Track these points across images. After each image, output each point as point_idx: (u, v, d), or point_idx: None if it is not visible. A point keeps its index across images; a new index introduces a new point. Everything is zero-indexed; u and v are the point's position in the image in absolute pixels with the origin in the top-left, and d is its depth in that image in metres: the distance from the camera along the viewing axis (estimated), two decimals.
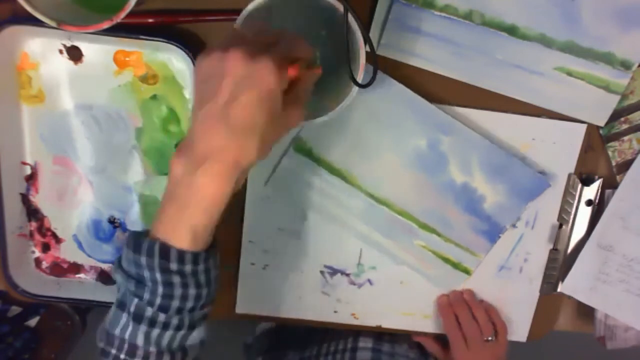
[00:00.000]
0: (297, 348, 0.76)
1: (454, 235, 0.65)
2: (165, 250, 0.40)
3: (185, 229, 0.40)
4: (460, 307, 0.66)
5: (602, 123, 0.61)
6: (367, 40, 0.48)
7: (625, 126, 0.62)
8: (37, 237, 0.66)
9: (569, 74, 0.59)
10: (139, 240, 0.41)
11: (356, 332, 0.73)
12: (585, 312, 0.69)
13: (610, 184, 0.64)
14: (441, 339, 0.70)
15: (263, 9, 0.49)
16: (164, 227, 0.41)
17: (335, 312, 0.69)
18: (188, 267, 0.41)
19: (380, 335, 0.72)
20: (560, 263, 0.66)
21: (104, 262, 0.67)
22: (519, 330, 0.69)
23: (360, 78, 0.48)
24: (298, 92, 0.42)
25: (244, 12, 0.47)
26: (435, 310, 0.68)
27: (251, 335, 0.90)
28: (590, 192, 0.64)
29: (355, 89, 0.48)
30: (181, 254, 0.40)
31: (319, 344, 0.74)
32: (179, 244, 0.41)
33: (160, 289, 0.41)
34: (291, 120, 0.42)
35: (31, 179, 0.64)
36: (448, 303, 0.67)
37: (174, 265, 0.41)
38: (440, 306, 0.67)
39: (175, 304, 0.42)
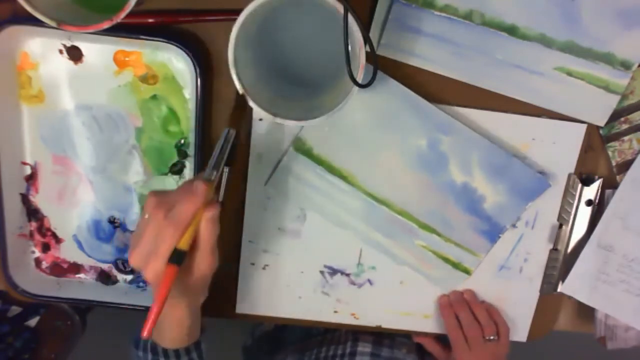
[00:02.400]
0: (295, 351, 0.76)
1: (454, 235, 0.65)
2: (153, 347, 0.55)
3: (166, 336, 0.54)
4: (461, 307, 0.66)
5: (602, 123, 0.61)
6: (367, 40, 0.48)
7: (625, 126, 0.62)
8: (37, 237, 0.66)
9: (569, 74, 0.59)
10: (137, 339, 0.58)
11: (355, 336, 0.73)
12: (585, 312, 0.69)
13: (610, 184, 0.64)
14: (442, 340, 0.70)
15: (263, 9, 0.49)
16: (156, 331, 0.53)
17: (335, 312, 0.69)
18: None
19: (379, 339, 0.72)
20: (560, 263, 0.66)
21: (104, 262, 0.67)
22: (519, 330, 0.69)
23: (360, 78, 0.48)
24: (200, 243, 0.48)
25: (244, 12, 0.47)
26: (435, 310, 0.68)
27: (250, 338, 0.90)
28: (590, 192, 0.64)
29: (355, 88, 0.48)
30: (165, 350, 0.54)
31: (318, 347, 0.74)
32: (163, 343, 0.54)
33: None
34: (201, 267, 0.49)
35: (31, 179, 0.64)
36: (449, 303, 0.67)
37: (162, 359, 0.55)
38: (441, 307, 0.67)
39: None
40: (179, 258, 0.46)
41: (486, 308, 0.67)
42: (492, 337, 0.64)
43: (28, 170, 0.63)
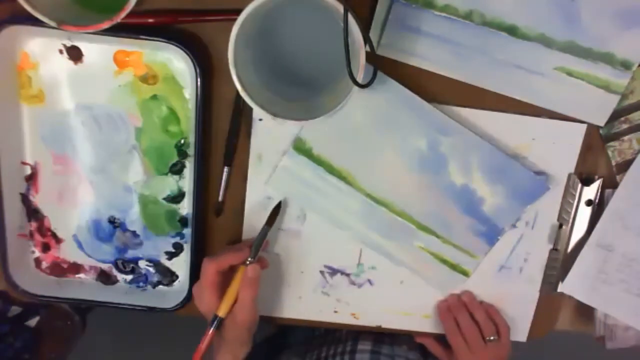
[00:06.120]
0: (296, 353, 0.76)
1: (452, 237, 0.65)
2: None
3: None
4: (458, 310, 0.66)
5: (602, 123, 0.61)
6: (367, 40, 0.48)
7: (625, 126, 0.62)
8: (37, 237, 0.66)
9: (569, 74, 0.59)
10: None
11: (356, 335, 0.73)
12: (585, 312, 0.69)
13: (610, 184, 0.64)
14: (444, 340, 0.70)
15: (263, 9, 0.49)
16: None
17: (335, 312, 0.69)
18: None
19: (380, 337, 0.72)
20: (560, 263, 0.66)
21: (104, 262, 0.67)
22: (519, 330, 0.69)
23: (360, 78, 0.48)
24: (239, 299, 0.57)
25: (244, 12, 0.47)
26: (435, 310, 0.68)
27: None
28: (590, 192, 0.64)
29: (355, 88, 0.48)
30: None
31: (319, 348, 0.74)
32: None
33: None
34: (239, 319, 0.58)
35: (31, 179, 0.64)
36: (447, 308, 0.67)
37: None
38: (440, 311, 0.67)
39: None
40: (215, 322, 0.57)
41: (485, 309, 0.67)
42: (492, 338, 0.64)
43: (28, 170, 0.63)
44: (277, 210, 0.62)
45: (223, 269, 0.58)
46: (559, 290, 0.67)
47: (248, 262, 0.59)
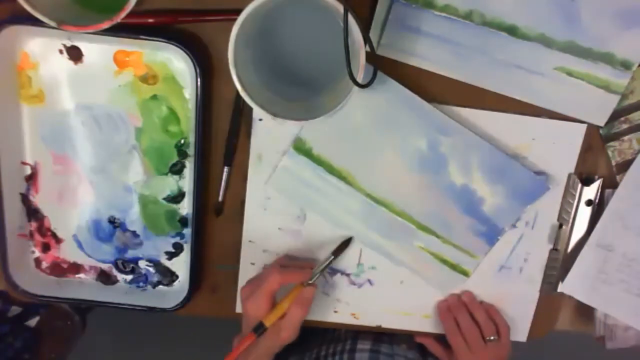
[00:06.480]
0: (296, 353, 0.76)
1: (452, 237, 0.65)
2: None
3: None
4: (458, 310, 0.66)
5: (602, 123, 0.61)
6: (367, 40, 0.48)
7: (625, 126, 0.62)
8: (37, 237, 0.66)
9: (569, 74, 0.59)
10: None
11: (355, 334, 0.73)
12: (585, 312, 0.69)
13: (610, 184, 0.64)
14: (444, 340, 0.70)
15: (263, 9, 0.49)
16: None
17: (335, 312, 0.69)
18: None
19: (379, 336, 0.72)
20: (560, 263, 0.66)
21: (104, 262, 0.67)
22: (519, 330, 0.69)
23: (360, 78, 0.48)
24: (287, 316, 0.58)
25: (244, 12, 0.47)
26: (435, 310, 0.68)
27: None
28: (590, 192, 0.64)
29: (355, 88, 0.48)
30: None
31: (318, 347, 0.74)
32: None
33: None
34: (283, 336, 0.58)
35: (31, 179, 0.64)
36: (447, 308, 0.67)
37: None
38: (440, 311, 0.67)
39: None
40: (260, 329, 0.57)
41: (485, 309, 0.67)
42: (492, 338, 0.64)
43: (28, 170, 0.63)
44: (346, 243, 0.64)
45: (284, 282, 0.59)
46: (559, 290, 0.67)
47: (307, 284, 0.60)
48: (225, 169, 0.63)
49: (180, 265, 0.67)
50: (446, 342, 0.68)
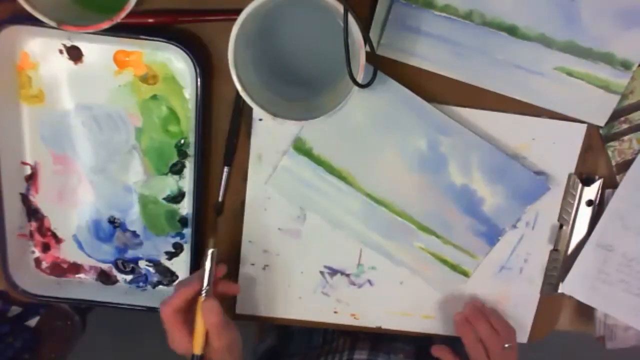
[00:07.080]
0: None
1: (453, 237, 0.65)
2: None
3: None
4: (478, 320, 0.64)
5: (602, 123, 0.61)
6: (367, 40, 0.48)
7: (625, 126, 0.62)
8: (37, 237, 0.66)
9: (569, 74, 0.59)
10: None
11: (352, 344, 0.72)
12: (585, 312, 0.69)
13: (610, 184, 0.64)
14: (451, 343, 0.68)
15: (263, 9, 0.49)
16: None
17: (335, 312, 0.69)
18: None
19: (376, 346, 0.72)
20: (560, 264, 0.66)
21: (104, 262, 0.67)
22: (520, 331, 0.69)
23: (360, 78, 0.48)
24: (208, 328, 0.55)
25: (244, 12, 0.47)
26: (435, 311, 0.68)
27: (251, 356, 0.89)
28: (591, 192, 0.64)
29: (355, 88, 0.48)
30: None
31: (317, 358, 0.74)
32: None
33: None
34: (215, 344, 0.55)
35: (31, 179, 0.64)
36: (465, 319, 0.65)
37: None
38: (458, 324, 0.65)
39: None
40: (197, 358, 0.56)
41: (495, 314, 0.65)
42: (507, 345, 0.62)
43: (28, 170, 0.63)
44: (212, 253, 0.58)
45: (179, 307, 0.55)
46: (559, 290, 0.67)
47: (204, 292, 0.55)
48: (225, 169, 0.63)
49: (180, 265, 0.67)
50: (461, 354, 0.66)
